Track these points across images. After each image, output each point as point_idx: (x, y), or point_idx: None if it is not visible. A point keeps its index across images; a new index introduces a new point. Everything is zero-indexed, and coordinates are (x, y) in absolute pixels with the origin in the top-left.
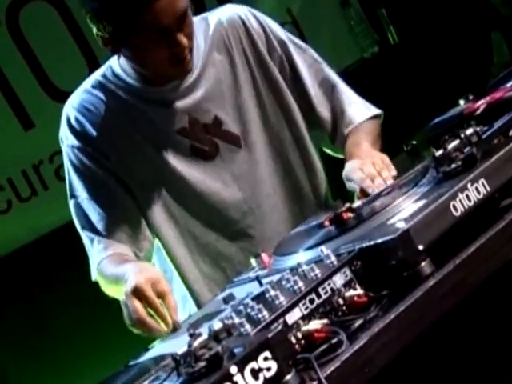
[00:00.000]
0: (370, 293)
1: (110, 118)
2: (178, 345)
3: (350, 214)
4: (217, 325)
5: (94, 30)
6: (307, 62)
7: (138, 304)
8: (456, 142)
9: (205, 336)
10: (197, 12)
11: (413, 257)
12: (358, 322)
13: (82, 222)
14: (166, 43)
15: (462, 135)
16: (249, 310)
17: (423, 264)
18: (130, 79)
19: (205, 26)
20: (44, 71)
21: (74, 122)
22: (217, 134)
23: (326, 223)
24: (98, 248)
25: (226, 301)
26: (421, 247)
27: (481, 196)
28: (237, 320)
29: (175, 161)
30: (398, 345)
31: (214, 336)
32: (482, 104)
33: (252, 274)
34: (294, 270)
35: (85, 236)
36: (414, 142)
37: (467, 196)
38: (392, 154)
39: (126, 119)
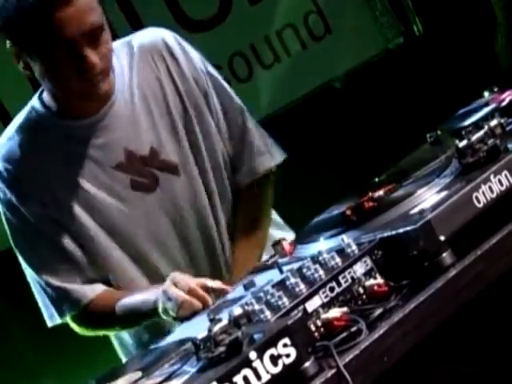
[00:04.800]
0: (391, 282)
1: (42, 163)
2: (199, 329)
3: (371, 204)
4: (237, 311)
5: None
6: (220, 94)
7: (177, 290)
8: (480, 134)
9: (225, 321)
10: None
11: (434, 247)
12: (378, 311)
13: (46, 269)
14: (73, 58)
15: (486, 127)
16: (269, 297)
17: (444, 255)
18: (55, 116)
19: (128, 50)
20: None
21: (5, 175)
22: (155, 164)
23: (348, 212)
24: (80, 291)
25: (246, 287)
26: (442, 238)
27: (503, 188)
28: (257, 306)
29: (116, 197)
30: (417, 334)
31: (234, 322)
32: (507, 96)
33: (273, 261)
34: (314, 258)
35: (49, 286)
36: (438, 133)
37: (490, 188)
38: (416, 145)
39: (58, 160)
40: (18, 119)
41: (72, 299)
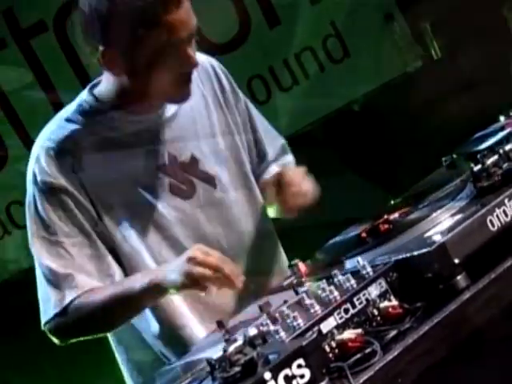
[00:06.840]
0: (405, 304)
1: (89, 154)
2: (214, 349)
3: (387, 226)
4: (252, 331)
5: (100, 47)
6: (259, 120)
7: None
8: (495, 158)
9: (240, 342)
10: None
11: (448, 270)
12: (392, 333)
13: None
14: (177, 58)
15: (501, 151)
16: (284, 318)
17: (459, 277)
18: (109, 109)
19: None
20: (89, 77)
21: (49, 159)
22: (193, 172)
23: (364, 234)
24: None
25: (261, 308)
26: (457, 261)
27: None
28: (272, 327)
29: (155, 199)
30: (431, 357)
31: (249, 342)
32: None
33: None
34: (329, 279)
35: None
36: (454, 157)
37: (504, 211)
38: (431, 168)
39: (104, 154)
40: (67, 111)
41: (75, 284)
